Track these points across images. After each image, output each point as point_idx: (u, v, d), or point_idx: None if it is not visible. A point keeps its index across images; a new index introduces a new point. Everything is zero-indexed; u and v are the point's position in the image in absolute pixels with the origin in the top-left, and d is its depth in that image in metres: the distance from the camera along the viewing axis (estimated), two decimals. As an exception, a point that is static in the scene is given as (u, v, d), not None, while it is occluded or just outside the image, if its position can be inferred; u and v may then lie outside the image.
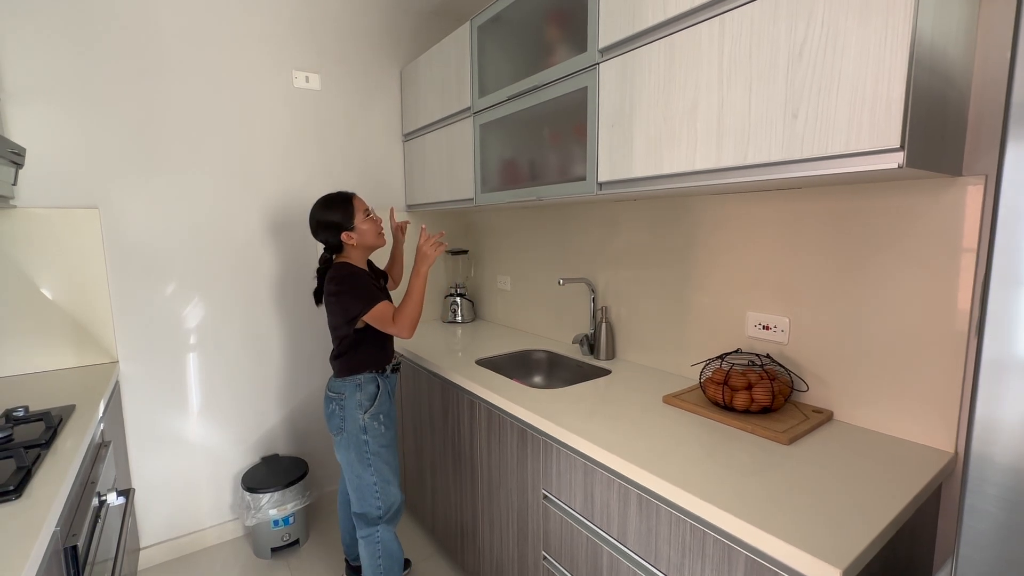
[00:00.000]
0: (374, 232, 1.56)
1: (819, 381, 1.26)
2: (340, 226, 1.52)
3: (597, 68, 1.32)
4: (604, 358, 1.80)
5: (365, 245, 1.56)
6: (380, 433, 1.56)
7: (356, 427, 1.53)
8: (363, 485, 1.56)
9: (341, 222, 1.52)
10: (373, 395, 1.56)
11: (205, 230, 1.99)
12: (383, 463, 1.57)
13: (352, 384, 1.55)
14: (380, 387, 1.58)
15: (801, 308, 1.28)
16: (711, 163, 1.07)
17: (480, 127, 1.84)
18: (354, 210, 1.53)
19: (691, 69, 1.09)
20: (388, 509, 1.58)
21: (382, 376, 1.60)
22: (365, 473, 1.55)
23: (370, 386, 1.56)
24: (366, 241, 1.55)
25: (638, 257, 1.71)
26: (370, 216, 1.56)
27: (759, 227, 1.34)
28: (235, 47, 1.99)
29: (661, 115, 1.17)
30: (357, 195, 1.57)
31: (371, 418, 1.55)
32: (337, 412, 1.55)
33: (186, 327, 2.00)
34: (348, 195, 1.56)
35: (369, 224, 1.55)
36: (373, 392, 1.56)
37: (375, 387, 1.57)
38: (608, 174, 1.33)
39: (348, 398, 1.54)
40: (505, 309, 2.46)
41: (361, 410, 1.54)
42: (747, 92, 0.99)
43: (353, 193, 1.57)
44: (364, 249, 1.58)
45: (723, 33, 1.02)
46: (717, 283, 1.46)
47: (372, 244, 1.57)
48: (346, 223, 1.52)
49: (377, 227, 1.57)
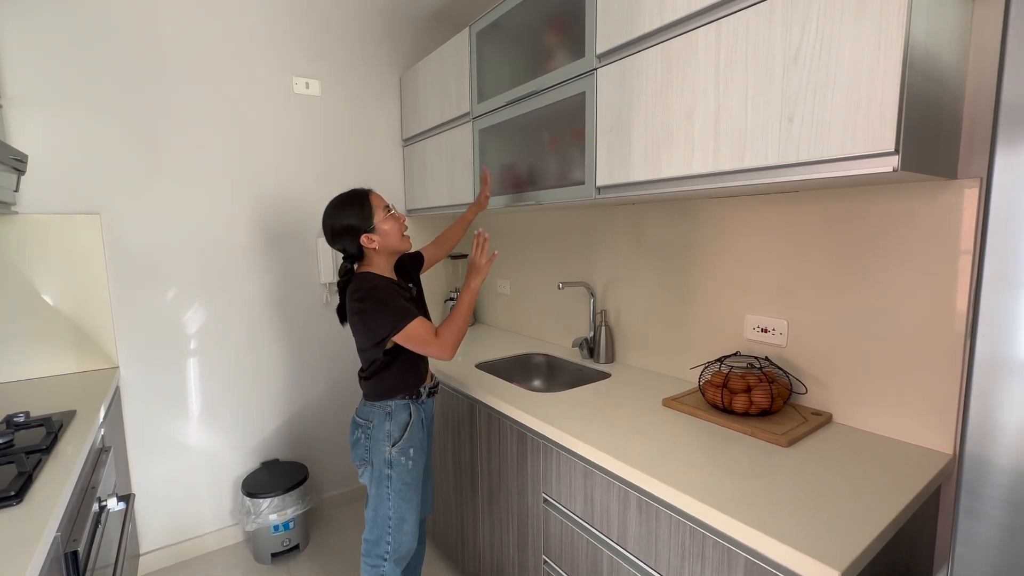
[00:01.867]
0: (398, 232, 1.35)
1: (818, 383, 1.26)
2: (358, 229, 1.31)
3: (595, 73, 1.34)
4: (604, 361, 1.81)
5: (389, 249, 1.35)
6: (406, 469, 1.38)
7: (381, 460, 1.36)
8: (378, 517, 1.40)
9: (358, 224, 1.31)
10: (404, 424, 1.37)
11: (206, 236, 2.00)
12: (403, 500, 1.38)
13: (382, 412, 1.37)
14: (413, 415, 1.39)
15: (799, 311, 1.28)
16: (708, 167, 1.08)
17: (479, 132, 1.86)
18: (372, 208, 1.32)
19: (688, 74, 1.10)
20: (397, 550, 1.40)
21: (416, 402, 1.41)
22: (382, 506, 1.38)
23: (402, 414, 1.38)
24: (389, 244, 1.34)
25: (637, 260, 1.72)
26: (392, 213, 1.35)
27: (757, 230, 1.35)
28: (236, 53, 2.01)
29: (659, 119, 1.18)
30: (374, 191, 1.37)
31: (399, 452, 1.37)
32: (363, 441, 1.38)
33: (187, 332, 2.00)
34: (363, 192, 1.35)
35: (391, 223, 1.34)
36: (405, 421, 1.38)
37: (407, 415, 1.38)
38: (607, 178, 1.34)
39: (376, 427, 1.36)
40: (505, 313, 2.46)
41: (389, 442, 1.36)
42: (743, 97, 1.00)
43: (369, 189, 1.37)
44: (389, 254, 1.37)
45: (719, 39, 1.03)
46: (716, 286, 1.47)
47: (396, 247, 1.35)
48: (364, 225, 1.31)
49: (401, 225, 1.36)
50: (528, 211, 2.14)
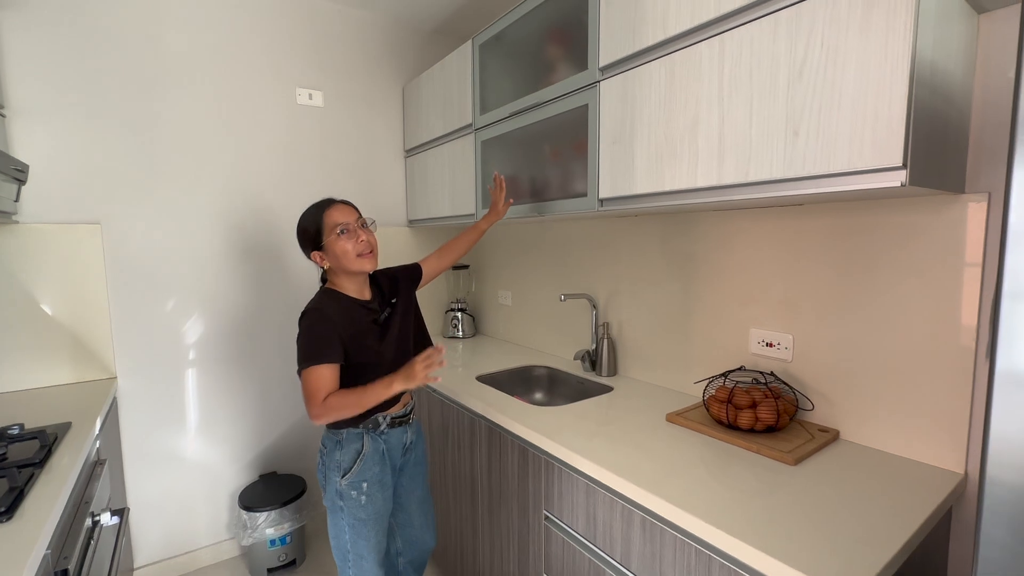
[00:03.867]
0: (350, 254, 1.21)
1: (824, 399, 1.24)
2: (309, 246, 1.25)
3: (598, 86, 1.33)
4: (606, 375, 1.79)
5: (340, 269, 1.24)
6: (359, 505, 1.26)
7: (333, 490, 1.27)
8: (339, 546, 1.31)
9: (309, 240, 1.25)
10: (354, 457, 1.26)
11: (206, 246, 1.99)
12: (358, 536, 1.28)
13: (333, 439, 1.28)
14: (367, 447, 1.27)
15: (805, 325, 1.27)
16: (712, 180, 1.07)
17: (482, 143, 1.86)
18: (322, 225, 1.22)
19: (691, 87, 1.10)
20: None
21: (374, 433, 1.29)
22: (340, 536, 1.30)
23: (353, 444, 1.27)
24: (340, 265, 1.23)
25: (640, 273, 1.70)
26: (342, 234, 1.21)
27: (762, 243, 1.34)
28: (238, 65, 2.02)
29: (662, 132, 1.17)
30: (339, 203, 1.27)
31: (349, 485, 1.25)
32: (319, 466, 1.32)
33: (186, 343, 1.99)
34: (321, 205, 1.26)
35: (343, 243, 1.21)
36: (354, 453, 1.26)
37: (359, 445, 1.27)
38: (609, 191, 1.33)
39: (328, 454, 1.29)
40: (506, 324, 2.44)
41: (339, 472, 1.26)
42: (748, 110, 0.99)
43: (331, 201, 1.27)
44: (347, 274, 1.26)
45: (723, 52, 1.03)
46: (720, 299, 1.45)
47: (347, 269, 1.23)
48: (313, 241, 1.24)
49: (356, 245, 1.22)
50: (529, 221, 2.13)
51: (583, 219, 1.89)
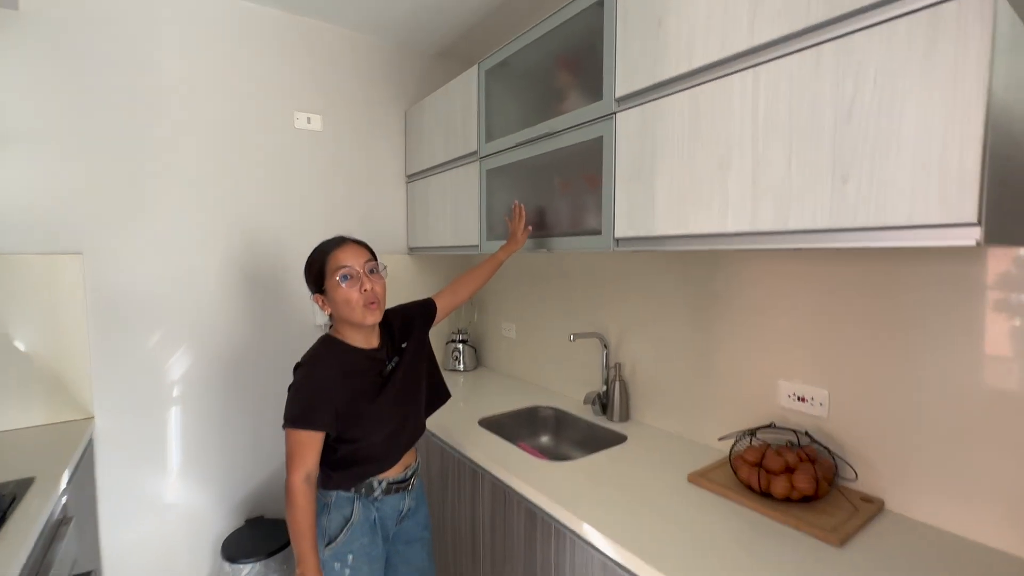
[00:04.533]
0: (350, 304, 1.09)
1: (866, 463, 1.12)
2: (312, 283, 1.15)
3: (614, 118, 1.24)
4: (617, 420, 1.66)
5: (344, 319, 1.12)
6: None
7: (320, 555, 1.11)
8: None
9: (313, 278, 1.14)
10: (342, 524, 1.13)
11: (195, 277, 1.89)
12: None
13: (320, 501, 1.14)
14: (357, 514, 1.14)
15: (842, 379, 1.15)
16: (745, 225, 0.97)
17: (487, 172, 1.76)
18: (326, 267, 1.10)
19: (720, 123, 1.00)
20: None
21: (367, 499, 1.16)
22: None
23: (342, 510, 1.14)
24: (338, 313, 1.12)
25: (656, 312, 1.59)
26: (348, 279, 1.09)
27: (793, 287, 1.23)
28: (234, 88, 1.93)
29: (687, 171, 1.07)
30: (350, 244, 1.14)
31: (332, 555, 1.12)
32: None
33: (170, 379, 1.87)
34: (329, 243, 1.15)
35: (345, 291, 1.08)
36: (342, 520, 1.13)
37: (348, 511, 1.13)
38: (626, 229, 1.23)
39: (318, 515, 1.13)
40: (510, 358, 2.33)
41: (323, 539, 1.12)
42: (787, 151, 0.90)
43: (341, 240, 1.15)
44: (350, 323, 1.14)
45: (757, 87, 0.94)
46: (743, 345, 1.34)
47: (347, 319, 1.12)
48: (316, 282, 1.13)
49: (358, 295, 1.09)
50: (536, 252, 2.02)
51: (581, 252, 1.79)
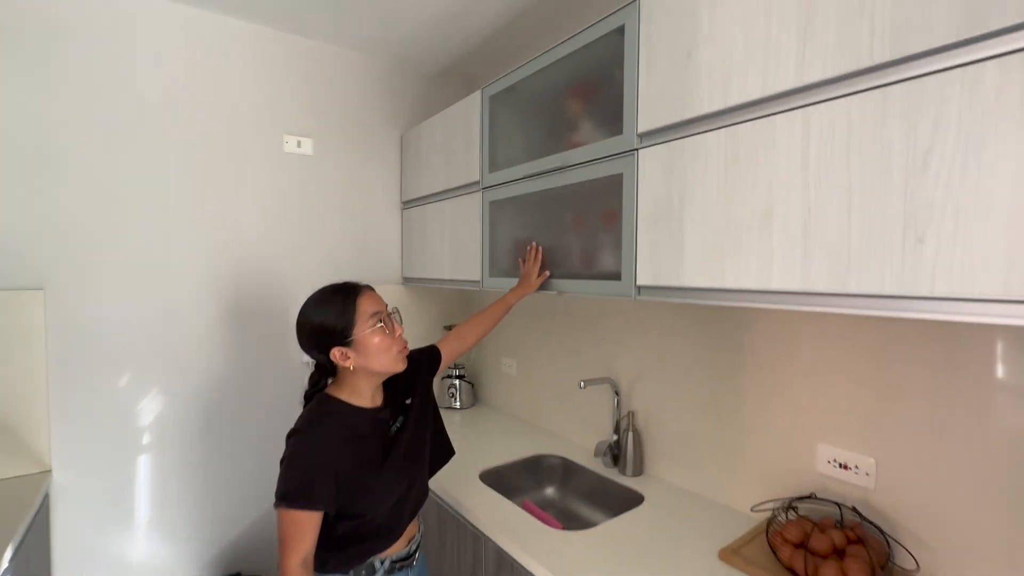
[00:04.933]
0: (385, 351, 0.99)
1: (920, 544, 1.00)
2: (330, 338, 0.97)
3: (636, 154, 1.13)
4: (631, 474, 1.53)
5: (370, 370, 1.00)
6: None
7: None
8: None
9: (332, 332, 0.97)
10: None
11: (171, 312, 1.73)
12: None
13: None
14: None
15: (893, 446, 1.04)
16: (794, 284, 0.85)
17: (489, 204, 1.65)
18: (355, 313, 0.98)
19: (763, 167, 0.89)
20: None
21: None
22: None
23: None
24: (371, 364, 0.99)
25: (674, 358, 1.47)
26: (379, 326, 0.99)
27: (837, 342, 1.12)
28: (218, 109, 1.81)
29: (722, 217, 0.96)
30: (370, 290, 1.04)
31: None
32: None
33: (139, 424, 1.70)
34: (352, 288, 1.02)
35: (380, 338, 0.98)
36: None
37: None
38: (650, 277, 1.11)
39: None
40: (509, 395, 2.19)
41: None
42: (845, 203, 0.79)
43: (363, 286, 1.04)
44: (369, 375, 1.02)
45: (807, 128, 0.83)
46: (777, 402, 1.22)
47: (380, 370, 1.01)
48: (340, 334, 0.97)
49: (394, 342, 1.01)
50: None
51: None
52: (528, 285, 1.40)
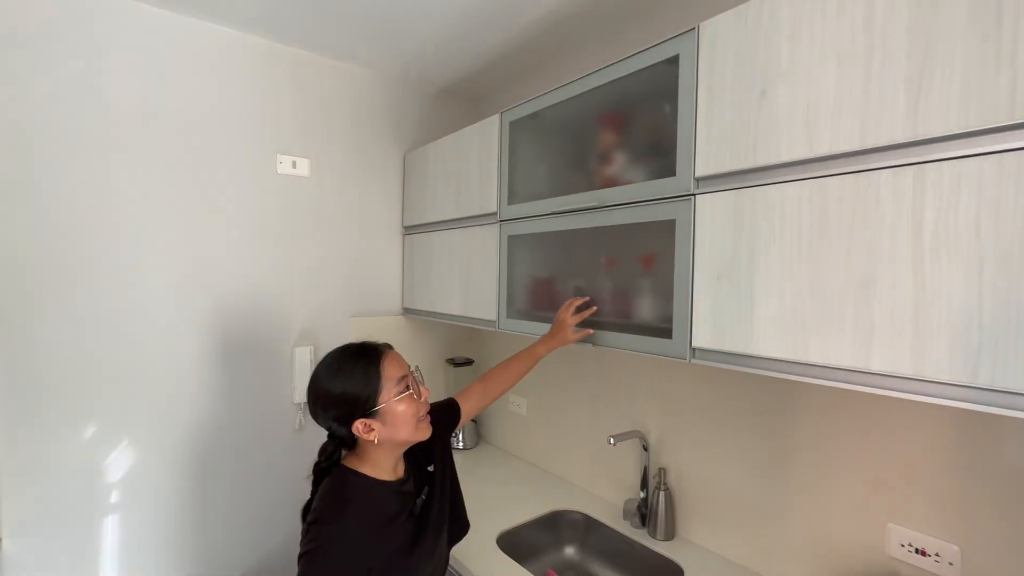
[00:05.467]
0: (412, 419, 0.92)
1: (1016, 648, 0.89)
2: (352, 409, 0.88)
3: (692, 199, 1.01)
4: (661, 537, 1.40)
5: (394, 441, 0.92)
6: None
7: None
8: None
9: (356, 399, 0.88)
10: None
11: (144, 353, 1.54)
12: None
13: None
14: None
15: (979, 532, 0.93)
16: (904, 369, 0.73)
17: (508, 238, 1.50)
18: (380, 380, 0.89)
19: (862, 228, 0.78)
20: None
21: None
22: None
23: None
24: (397, 435, 0.91)
25: (715, 414, 1.35)
26: (408, 392, 0.92)
27: (911, 413, 1.01)
28: (205, 126, 1.62)
29: (806, 282, 0.84)
30: (391, 350, 0.96)
31: None
32: None
33: (106, 481, 1.49)
34: (374, 349, 0.94)
35: (406, 405, 0.91)
36: None
37: None
38: (709, 341, 0.98)
39: None
40: (518, 436, 2.04)
41: None
42: (974, 279, 0.67)
43: (383, 346, 0.96)
44: (392, 446, 0.94)
45: (923, 190, 0.72)
46: (842, 475, 1.11)
47: (405, 440, 0.93)
48: (364, 404, 0.88)
49: (419, 407, 0.93)
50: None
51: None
52: (563, 339, 1.25)
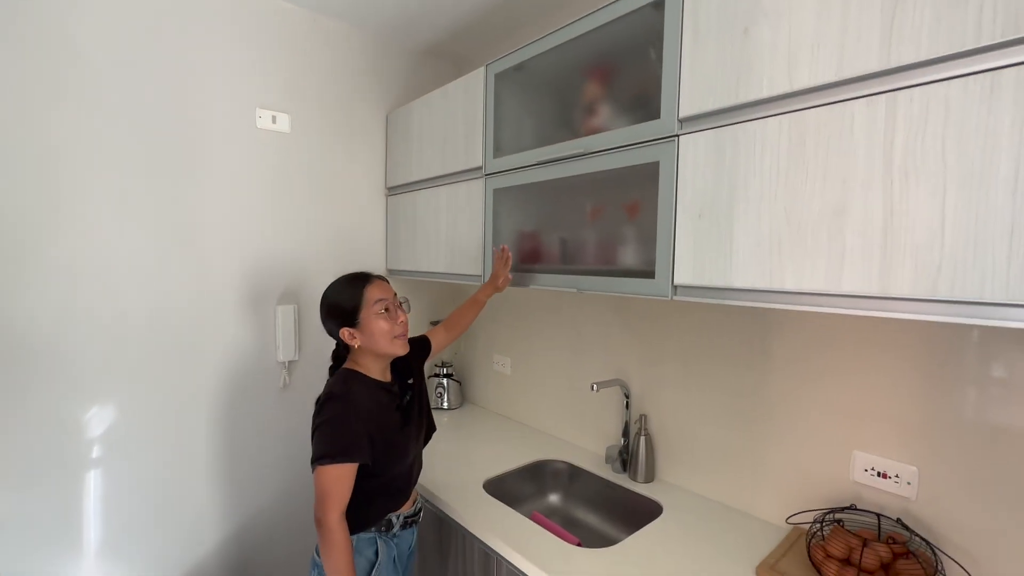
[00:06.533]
0: (387, 335, 1.10)
1: (967, 558, 0.96)
2: (339, 320, 1.11)
3: (676, 141, 1.03)
4: (642, 480, 1.46)
5: (373, 351, 1.12)
6: None
7: None
8: None
9: (343, 311, 1.11)
10: (370, 566, 1.11)
11: (122, 308, 1.51)
12: None
13: None
14: (382, 554, 1.12)
15: (935, 455, 1.00)
16: (872, 288, 0.78)
17: (494, 192, 1.51)
18: (362, 299, 1.10)
19: (835, 158, 0.81)
20: None
21: (386, 536, 1.15)
22: None
23: (366, 551, 1.11)
24: (374, 346, 1.11)
25: (690, 357, 1.40)
26: (384, 312, 1.11)
27: (875, 346, 1.07)
28: (184, 78, 1.57)
29: (782, 213, 0.88)
30: (377, 279, 1.16)
31: None
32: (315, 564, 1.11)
33: (88, 436, 1.48)
34: (362, 276, 1.15)
35: (381, 323, 1.10)
36: (370, 562, 1.11)
37: (373, 554, 1.12)
38: (690, 277, 1.02)
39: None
40: (502, 395, 2.08)
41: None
42: (938, 202, 0.72)
43: (368, 276, 1.16)
44: (375, 355, 1.14)
45: (894, 116, 0.75)
46: (811, 408, 1.17)
47: (381, 351, 1.12)
48: (348, 316, 1.10)
49: (394, 328, 1.11)
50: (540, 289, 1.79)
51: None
52: (495, 287, 1.47)
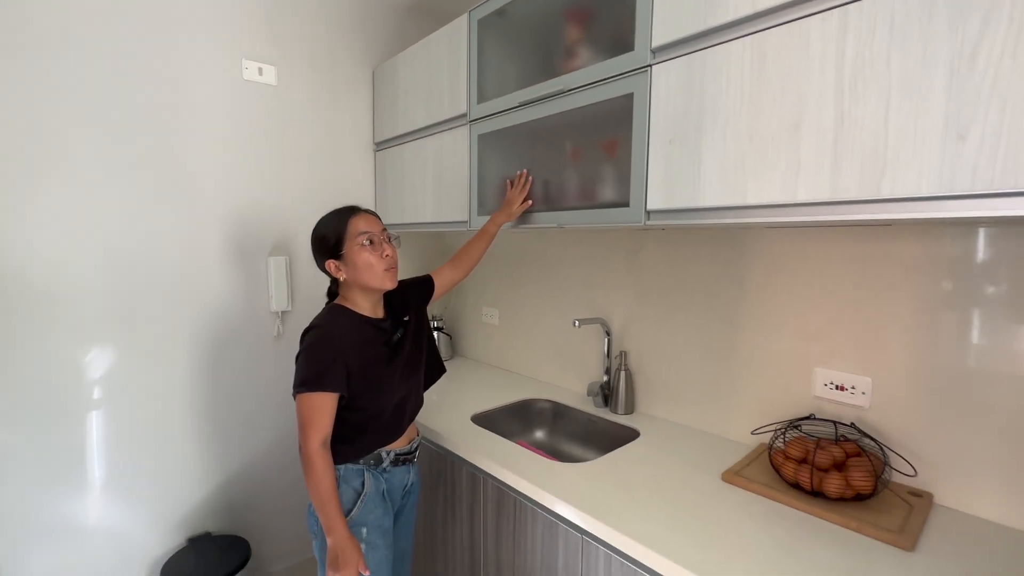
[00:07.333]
0: (372, 267, 1.09)
1: (913, 456, 1.05)
2: (324, 252, 1.11)
3: (649, 71, 1.08)
4: (622, 412, 1.54)
5: (358, 284, 1.11)
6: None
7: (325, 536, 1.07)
8: None
9: (327, 243, 1.10)
10: (354, 497, 1.11)
11: (118, 255, 1.55)
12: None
13: None
14: (368, 486, 1.12)
15: (887, 366, 1.07)
16: (821, 194, 0.84)
17: (478, 137, 1.55)
18: (346, 231, 1.09)
19: (793, 76, 0.86)
20: None
21: (375, 470, 1.14)
22: None
23: (351, 482, 1.11)
24: (359, 278, 1.10)
25: (667, 294, 1.47)
26: (367, 244, 1.09)
27: (834, 268, 1.13)
28: (168, 26, 1.59)
29: (745, 132, 0.93)
30: (364, 212, 1.14)
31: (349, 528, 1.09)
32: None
33: (88, 378, 1.53)
34: (344, 211, 1.13)
35: (366, 255, 1.08)
36: (353, 493, 1.11)
37: (359, 484, 1.12)
38: (662, 201, 1.07)
39: None
40: (491, 346, 2.15)
41: None
42: (883, 106, 0.77)
43: (356, 209, 1.14)
44: (362, 289, 1.13)
45: (845, 30, 0.80)
46: (774, 331, 1.24)
47: (366, 284, 1.10)
48: (332, 248, 1.10)
49: (380, 262, 1.09)
50: (525, 230, 1.84)
51: (595, 229, 1.64)
52: (509, 213, 1.41)
